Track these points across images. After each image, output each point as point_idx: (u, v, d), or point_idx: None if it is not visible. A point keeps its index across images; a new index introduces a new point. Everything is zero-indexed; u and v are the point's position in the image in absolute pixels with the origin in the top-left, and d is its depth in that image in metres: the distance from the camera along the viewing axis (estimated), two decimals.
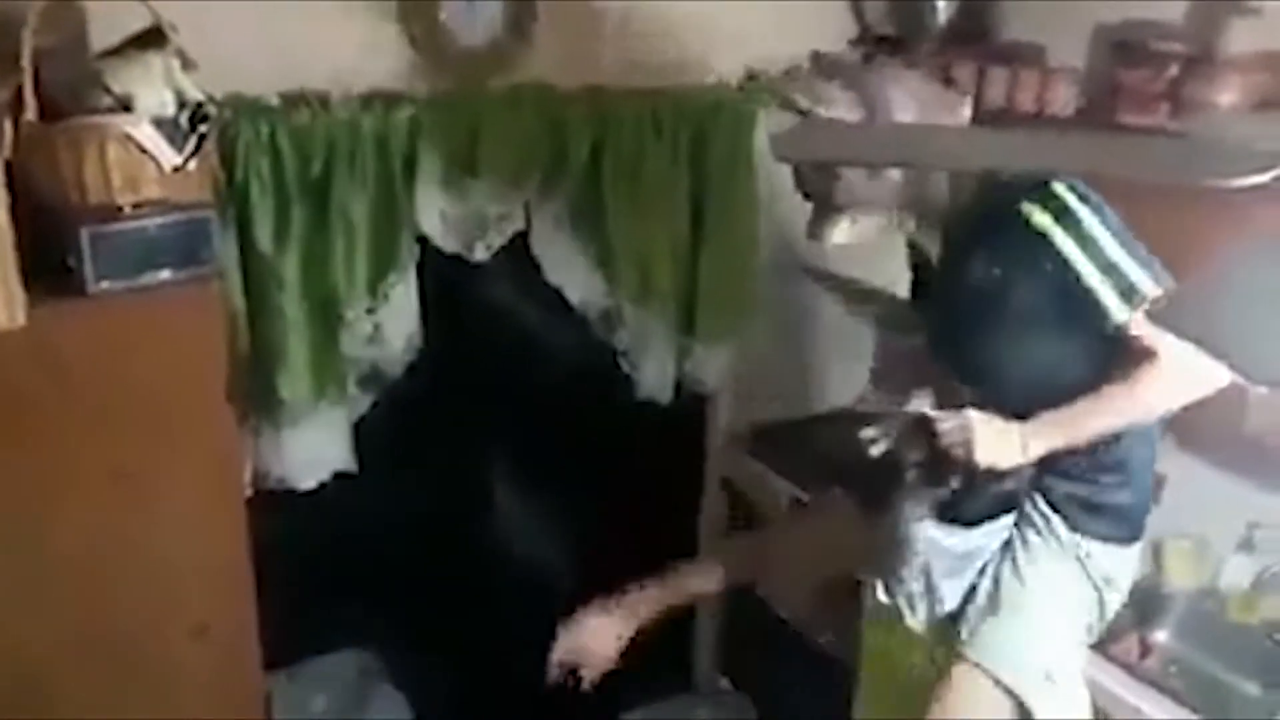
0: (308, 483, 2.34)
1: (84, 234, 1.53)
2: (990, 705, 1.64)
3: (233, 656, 1.84)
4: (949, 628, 1.70)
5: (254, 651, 1.86)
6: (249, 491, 2.06)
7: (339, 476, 2.39)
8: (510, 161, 2.41)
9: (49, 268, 1.54)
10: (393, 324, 2.38)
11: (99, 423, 1.60)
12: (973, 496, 1.61)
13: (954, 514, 1.63)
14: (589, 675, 1.90)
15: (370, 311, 2.35)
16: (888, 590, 1.70)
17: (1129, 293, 1.50)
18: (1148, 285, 1.51)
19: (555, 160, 2.46)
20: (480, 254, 2.46)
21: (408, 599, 2.79)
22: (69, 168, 1.52)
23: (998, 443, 1.54)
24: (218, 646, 1.81)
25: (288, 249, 2.21)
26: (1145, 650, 2.45)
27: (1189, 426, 2.47)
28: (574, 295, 2.62)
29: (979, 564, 1.65)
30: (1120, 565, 1.75)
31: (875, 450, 1.61)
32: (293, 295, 2.24)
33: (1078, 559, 1.68)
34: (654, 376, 2.74)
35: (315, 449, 2.32)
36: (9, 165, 1.47)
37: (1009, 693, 1.63)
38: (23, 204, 1.50)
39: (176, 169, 1.63)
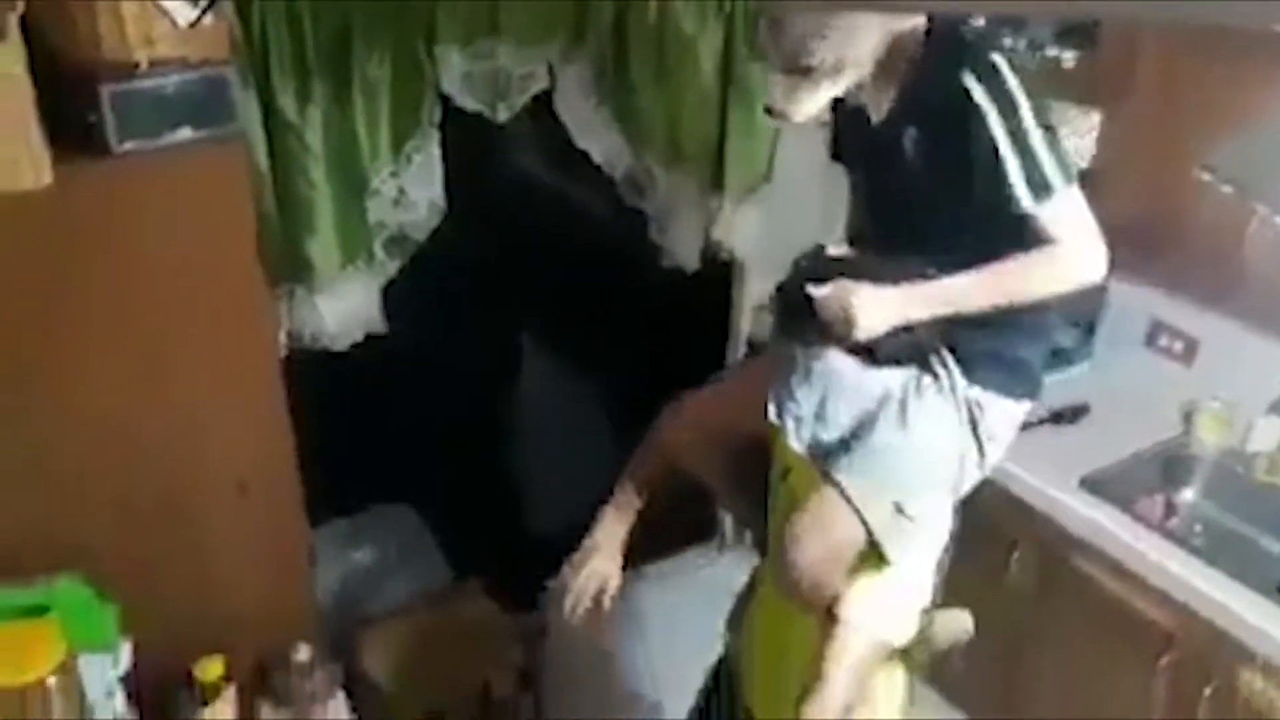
0: (341, 344, 2.37)
1: (104, 91, 1.52)
2: (842, 526, 1.67)
3: (275, 513, 1.89)
4: (829, 453, 1.71)
5: (296, 508, 1.92)
6: (284, 352, 2.09)
7: (371, 338, 2.43)
8: (533, 19, 2.35)
9: (70, 128, 1.54)
10: (417, 187, 2.36)
11: (129, 284, 1.61)
12: (882, 338, 1.62)
13: (860, 350, 1.64)
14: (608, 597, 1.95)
15: (394, 175, 2.34)
16: (779, 409, 1.70)
17: (1040, 185, 1.53)
18: (1058, 181, 1.54)
19: (579, 18, 2.40)
20: (503, 114, 2.42)
21: (444, 456, 2.86)
22: (84, 23, 1.51)
23: (876, 309, 1.59)
24: (260, 503, 1.86)
25: (310, 113, 2.18)
26: (1170, 510, 2.47)
27: (1223, 288, 2.45)
28: (600, 158, 2.59)
29: (874, 403, 1.66)
30: (1007, 420, 1.77)
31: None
32: (317, 160, 2.22)
33: (968, 410, 1.71)
34: (681, 241, 2.72)
35: (346, 311, 2.34)
36: (24, 21, 1.45)
37: (860, 519, 1.66)
38: (41, 64, 1.49)
39: (191, 24, 1.60)
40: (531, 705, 2.59)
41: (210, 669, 1.69)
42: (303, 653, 1.83)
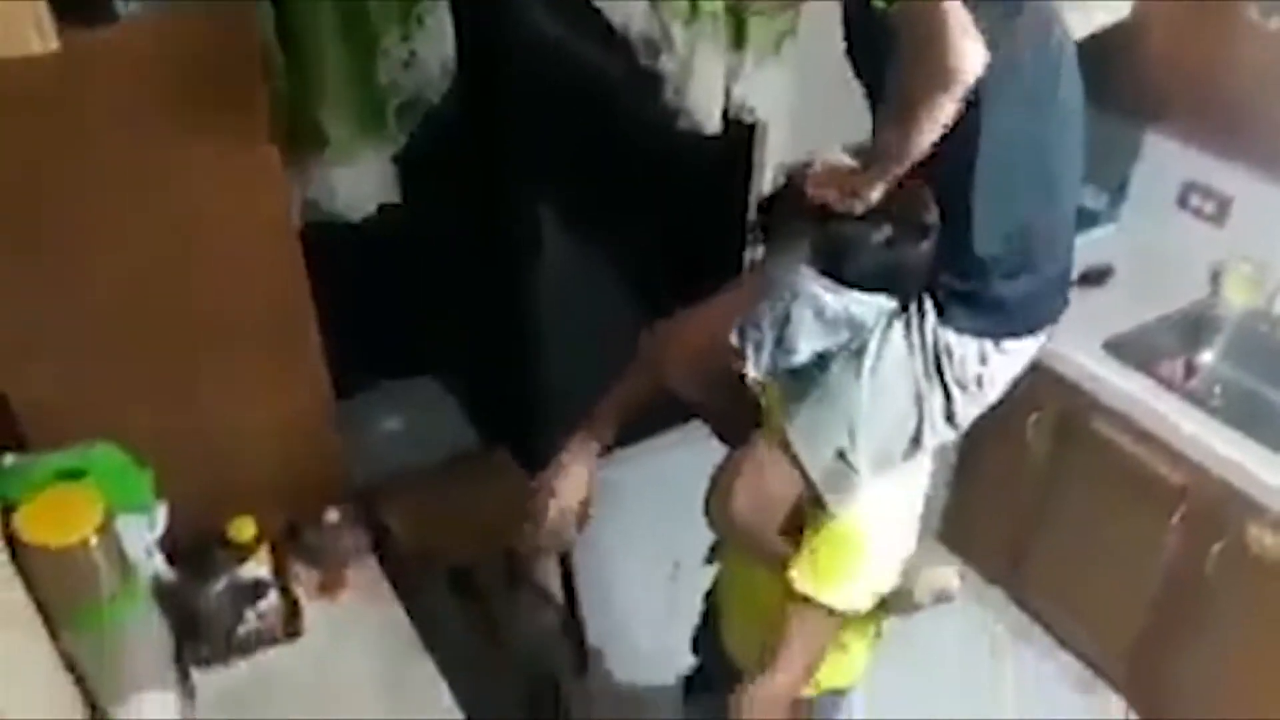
0: (355, 215, 2.37)
1: None
2: (780, 474, 1.55)
3: (300, 379, 1.91)
4: (785, 385, 1.58)
5: (321, 374, 1.93)
6: (299, 224, 2.09)
7: (387, 209, 2.42)
8: None
9: None
10: (428, 49, 2.31)
11: (140, 153, 1.59)
12: (858, 253, 1.42)
13: (836, 268, 1.43)
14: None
15: (405, 39, 2.28)
16: (741, 333, 1.52)
17: None
18: None
19: None
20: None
21: (467, 325, 2.88)
22: None
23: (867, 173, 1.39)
24: (284, 369, 1.88)
25: None
26: (1190, 371, 2.47)
27: (1262, 146, 2.38)
28: (617, 17, 2.51)
29: (840, 335, 1.48)
30: (997, 363, 1.54)
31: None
32: (327, 26, 2.17)
33: (935, 353, 1.51)
34: (702, 103, 2.66)
35: (360, 181, 2.33)
36: None
37: (803, 476, 1.53)
38: None
39: None
40: (556, 565, 2.67)
41: (243, 528, 1.75)
42: (333, 514, 1.89)
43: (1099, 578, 2.62)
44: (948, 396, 1.54)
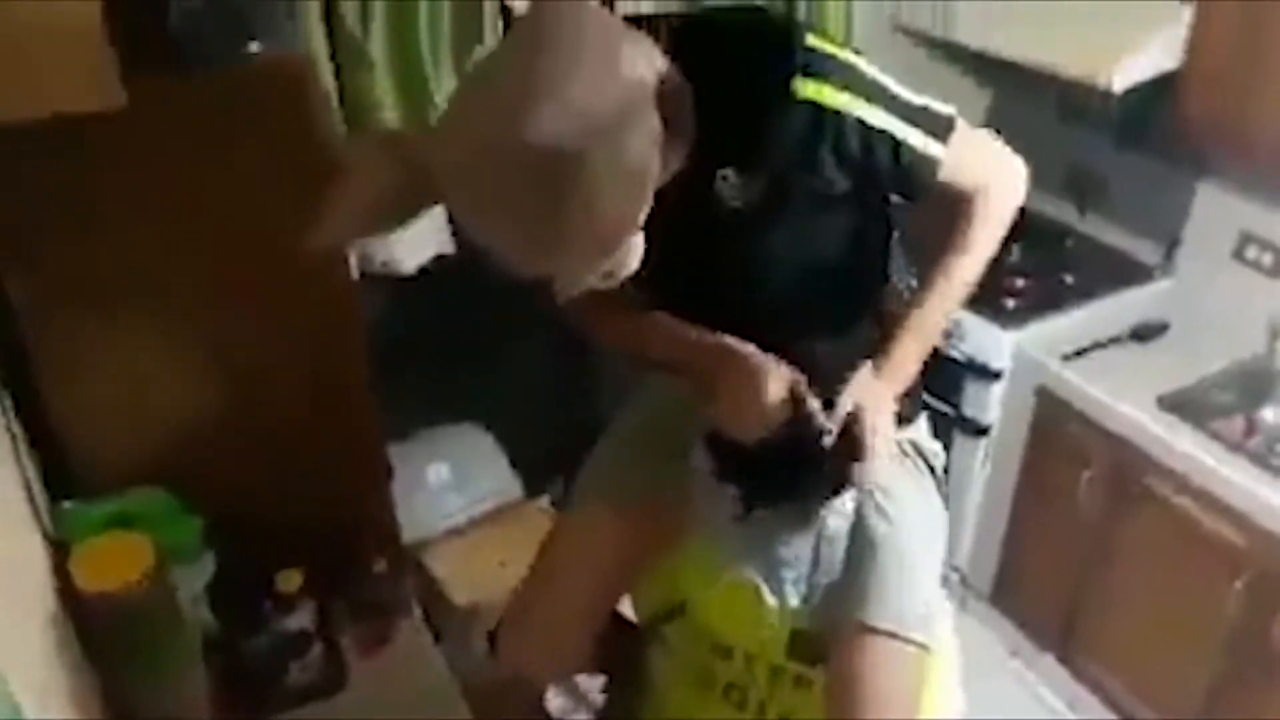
0: (410, 266, 2.39)
1: (174, 7, 1.51)
2: (913, 664, 1.45)
3: (350, 428, 1.91)
4: (817, 591, 1.51)
5: (372, 423, 1.94)
6: (356, 275, 2.11)
7: (440, 259, 2.44)
8: None
9: (139, 46, 1.53)
10: None
11: (200, 203, 1.62)
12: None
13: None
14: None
15: None
16: (769, 578, 1.48)
17: (938, 126, 1.27)
18: (941, 108, 1.29)
19: None
20: None
21: (514, 374, 2.88)
22: None
23: (885, 401, 1.34)
24: (335, 419, 1.88)
25: (373, 25, 2.16)
26: (1251, 429, 2.41)
27: None
28: None
29: (852, 518, 1.46)
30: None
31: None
32: (382, 76, 2.21)
33: (930, 467, 1.53)
34: None
35: (416, 231, 2.35)
36: None
37: (921, 647, 1.46)
38: None
39: None
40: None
41: (290, 579, 1.74)
42: (380, 565, 1.87)
43: (1159, 646, 2.53)
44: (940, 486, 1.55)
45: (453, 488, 2.68)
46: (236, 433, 1.79)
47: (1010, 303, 2.73)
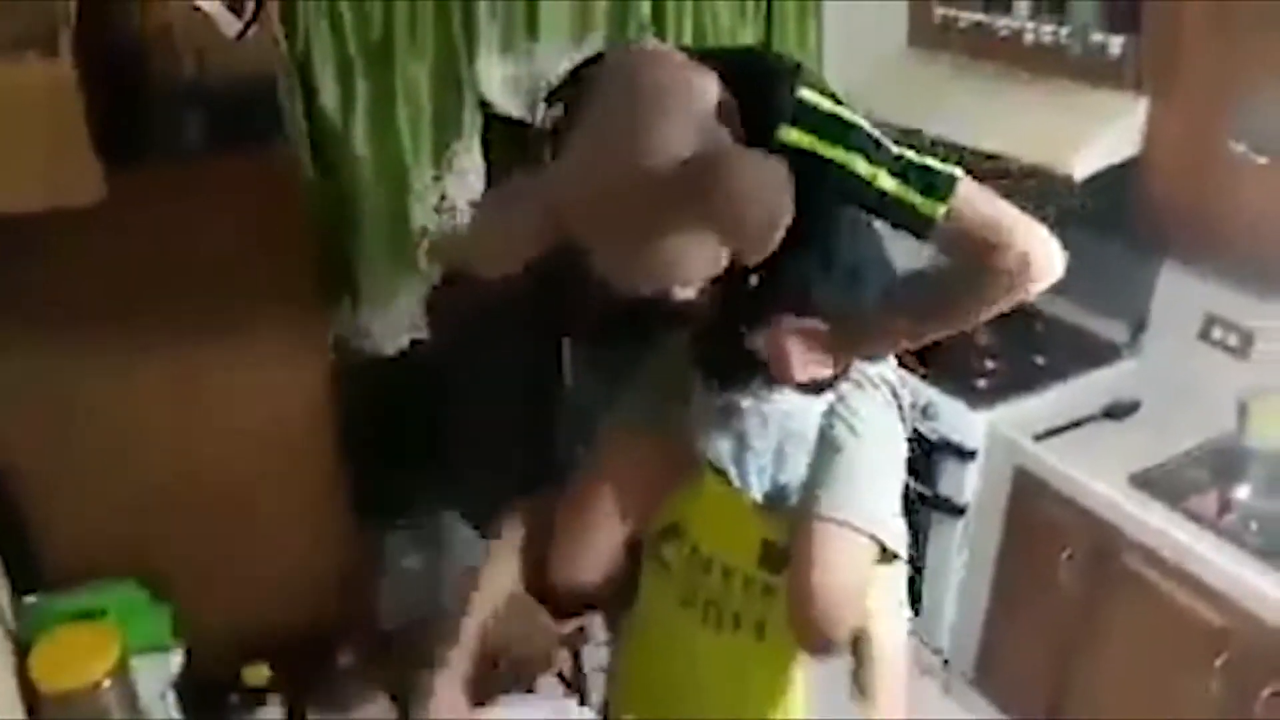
0: (388, 349, 2.39)
1: (155, 103, 1.54)
2: (863, 556, 1.61)
3: (323, 518, 1.91)
4: (786, 496, 1.67)
5: (347, 525, 1.93)
6: (331, 356, 2.11)
7: (416, 343, 2.44)
8: (571, 22, 2.35)
9: (121, 140, 1.56)
10: (459, 192, 2.38)
11: (179, 291, 1.63)
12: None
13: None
14: None
15: (437, 179, 2.36)
16: (737, 463, 1.65)
17: (935, 187, 1.32)
18: (948, 171, 1.33)
19: (618, 22, 2.40)
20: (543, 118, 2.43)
21: (496, 463, 2.87)
22: (134, 37, 1.53)
23: (819, 356, 1.53)
24: (308, 508, 1.88)
25: (354, 120, 2.20)
26: (1225, 506, 2.42)
27: (1268, 277, 2.39)
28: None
29: (819, 428, 1.63)
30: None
31: None
32: (363, 167, 2.25)
33: (899, 405, 1.69)
34: None
35: (393, 316, 2.36)
36: (76, 35, 1.47)
37: (872, 539, 1.61)
38: (92, 75, 1.51)
39: (238, 36, 1.62)
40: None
41: (257, 673, 1.71)
42: (346, 658, 1.84)
43: None
44: (902, 413, 1.71)
45: (431, 578, 2.65)
46: (211, 524, 1.78)
47: (982, 383, 2.76)
